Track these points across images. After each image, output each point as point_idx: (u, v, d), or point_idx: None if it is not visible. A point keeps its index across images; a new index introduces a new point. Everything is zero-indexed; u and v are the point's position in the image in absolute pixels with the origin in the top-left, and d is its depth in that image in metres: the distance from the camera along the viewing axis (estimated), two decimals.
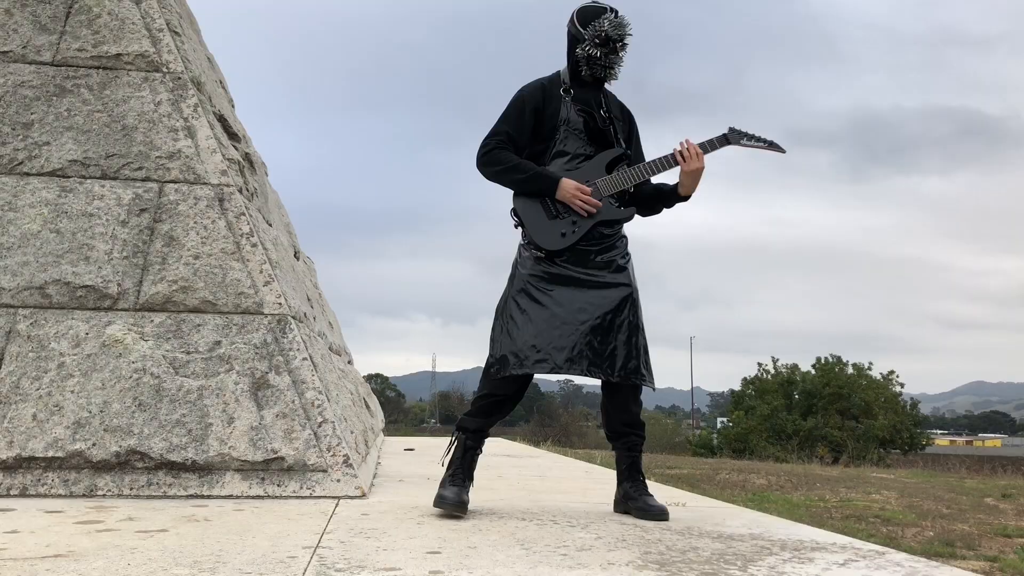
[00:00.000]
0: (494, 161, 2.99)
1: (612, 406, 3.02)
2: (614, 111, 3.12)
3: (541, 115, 3.02)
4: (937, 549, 4.31)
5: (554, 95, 3.04)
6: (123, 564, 1.89)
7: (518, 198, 2.99)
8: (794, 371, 29.42)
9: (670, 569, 2.01)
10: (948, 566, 2.34)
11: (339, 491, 3.20)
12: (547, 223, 2.94)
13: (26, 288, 3.41)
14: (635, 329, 2.93)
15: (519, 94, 3.07)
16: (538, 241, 2.93)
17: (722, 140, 3.01)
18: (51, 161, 3.66)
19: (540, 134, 3.03)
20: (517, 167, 2.96)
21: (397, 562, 2.00)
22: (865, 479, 9.60)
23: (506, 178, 2.98)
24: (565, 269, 2.92)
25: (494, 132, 3.04)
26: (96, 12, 3.96)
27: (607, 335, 2.88)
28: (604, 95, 3.11)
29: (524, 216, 2.97)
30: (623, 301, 2.92)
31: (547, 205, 2.96)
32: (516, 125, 3.02)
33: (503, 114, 3.06)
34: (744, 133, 3.00)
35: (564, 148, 3.01)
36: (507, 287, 3.02)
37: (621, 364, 2.88)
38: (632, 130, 3.19)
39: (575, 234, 2.93)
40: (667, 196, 3.08)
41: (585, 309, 2.88)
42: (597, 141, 3.04)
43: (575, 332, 2.86)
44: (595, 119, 3.04)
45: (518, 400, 2.98)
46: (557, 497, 3.68)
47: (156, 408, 3.22)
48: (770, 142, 3.01)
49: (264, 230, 4.10)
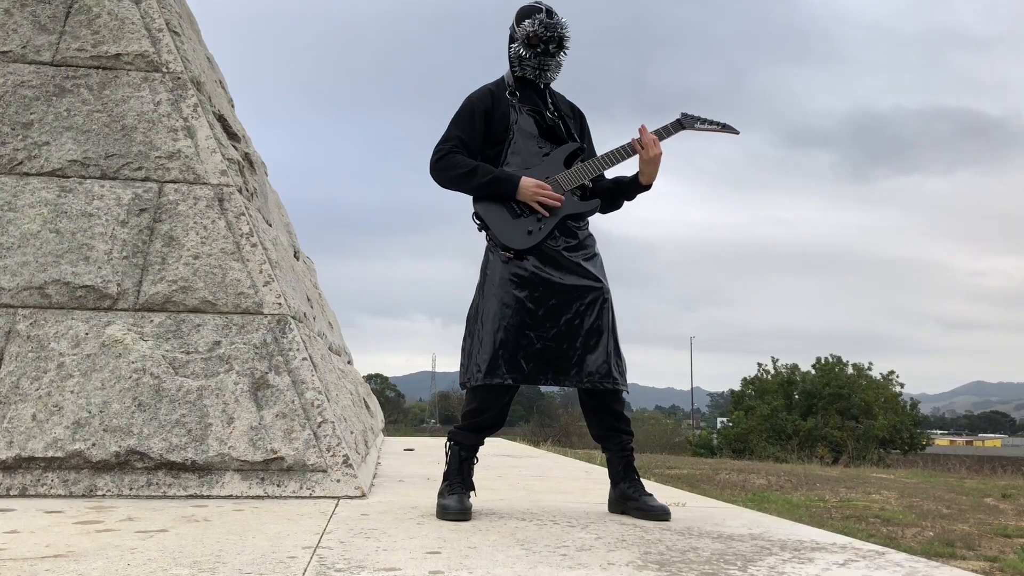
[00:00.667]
0: (449, 166, 2.92)
1: (594, 409, 2.97)
2: (563, 109, 3.11)
3: (491, 119, 2.98)
4: (937, 549, 4.31)
5: (501, 99, 3.02)
6: (123, 564, 1.89)
7: (479, 202, 2.92)
8: (794, 371, 29.42)
9: (670, 569, 2.01)
10: (948, 566, 2.34)
11: (339, 491, 3.19)
12: (512, 222, 2.88)
13: (26, 288, 3.41)
14: (605, 331, 2.87)
15: (468, 100, 3.02)
16: (505, 242, 2.86)
17: (676, 125, 3.00)
18: (51, 161, 3.66)
19: (492, 138, 2.99)
20: (474, 172, 2.89)
21: (397, 562, 2.00)
22: (865, 479, 9.60)
23: (464, 184, 2.91)
24: (534, 273, 2.85)
25: (446, 138, 2.97)
26: (96, 12, 3.96)
27: (574, 340, 2.83)
28: (551, 94, 3.10)
29: (488, 218, 2.90)
30: (591, 303, 2.87)
31: (510, 205, 2.90)
32: (468, 130, 2.97)
33: (453, 120, 3.00)
34: (697, 117, 3.00)
35: (517, 149, 2.97)
36: (476, 294, 2.96)
37: (591, 370, 2.83)
38: (584, 127, 3.17)
39: (542, 231, 2.87)
40: (628, 187, 3.05)
41: (553, 314, 2.83)
42: (550, 140, 3.02)
43: (541, 339, 2.81)
44: (544, 118, 3.02)
45: (507, 412, 2.92)
46: (557, 497, 3.67)
47: (156, 408, 3.22)
48: (723, 124, 3.01)
49: (264, 230, 4.10)
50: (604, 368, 2.84)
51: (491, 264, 2.92)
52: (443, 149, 2.96)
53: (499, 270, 2.88)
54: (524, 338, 2.82)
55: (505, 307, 2.83)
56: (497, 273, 2.88)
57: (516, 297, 2.83)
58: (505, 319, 2.82)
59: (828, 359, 29.05)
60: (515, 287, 2.84)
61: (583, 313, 2.86)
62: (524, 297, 2.83)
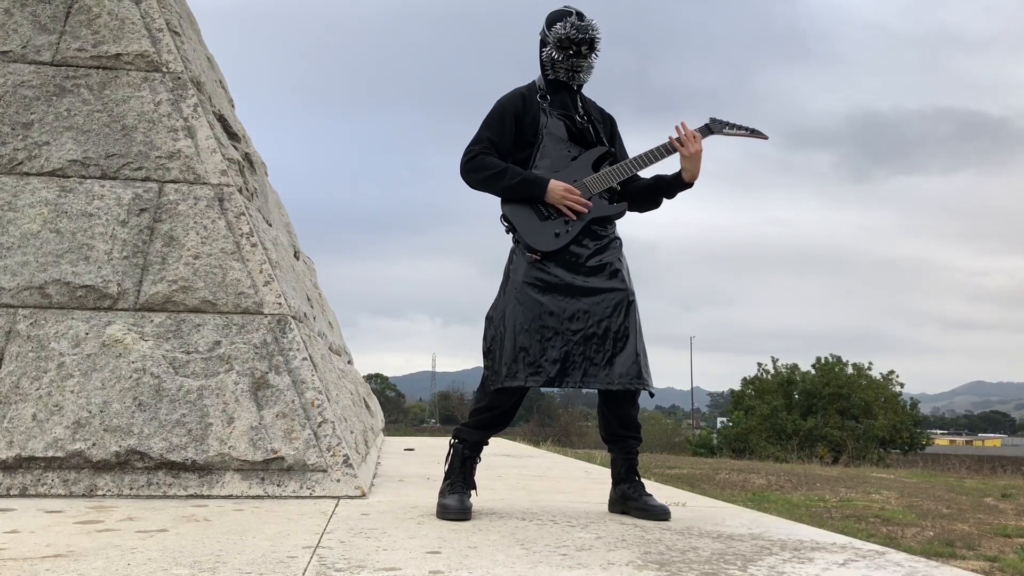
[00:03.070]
0: (479, 167, 2.94)
1: (610, 411, 2.98)
2: (593, 114, 3.12)
3: (522, 122, 3.00)
4: (937, 549, 4.31)
5: (532, 102, 3.03)
6: (123, 564, 1.89)
7: (507, 204, 2.94)
8: (794, 371, 29.41)
9: (670, 569, 2.01)
10: (948, 566, 2.34)
11: (339, 491, 3.20)
12: (539, 224, 2.90)
13: (26, 288, 3.41)
14: (633, 333, 2.87)
15: (499, 103, 3.04)
16: (532, 243, 2.88)
17: (704, 130, 3.00)
18: (51, 161, 3.66)
19: (522, 142, 3.00)
20: (504, 173, 2.91)
21: (397, 562, 2.00)
22: (865, 479, 9.61)
23: (493, 185, 2.93)
24: (559, 277, 2.86)
25: (477, 139, 3.00)
26: (96, 12, 3.96)
27: (603, 343, 2.83)
28: (581, 99, 3.11)
29: (515, 220, 2.92)
30: (618, 306, 2.88)
31: (538, 207, 2.92)
32: (498, 132, 2.99)
33: (484, 122, 3.03)
34: (726, 122, 3.00)
35: (547, 153, 2.98)
36: (499, 294, 2.96)
37: (621, 371, 2.83)
38: (614, 132, 3.18)
39: (569, 233, 2.89)
40: (670, 185, 3.05)
41: (579, 318, 2.84)
42: (579, 143, 3.03)
43: (568, 343, 2.81)
44: (574, 122, 3.03)
45: (515, 412, 2.94)
46: (557, 497, 3.68)
47: (156, 408, 3.22)
48: (752, 129, 3.01)
49: (264, 230, 4.10)
50: (635, 369, 2.84)
51: (515, 266, 2.93)
52: (474, 151, 2.98)
53: (522, 273, 2.88)
54: (547, 341, 2.81)
55: (526, 310, 2.83)
56: (520, 276, 2.88)
57: (537, 300, 2.84)
58: (526, 322, 2.82)
59: (828, 359, 29.04)
60: (537, 291, 2.85)
61: (610, 315, 2.86)
62: (546, 301, 2.84)
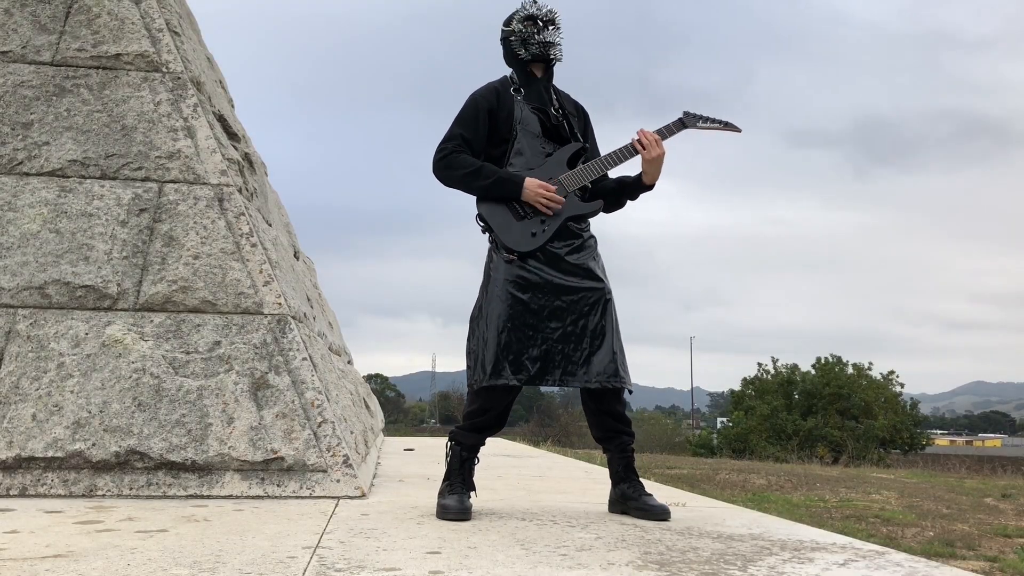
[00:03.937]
0: (453, 165, 2.92)
1: (596, 410, 2.97)
2: (567, 107, 3.11)
3: (496, 117, 2.98)
4: (937, 549, 4.31)
5: (507, 96, 3.02)
6: (123, 564, 1.89)
7: (483, 203, 2.92)
8: (794, 371, 29.40)
9: (670, 569, 2.01)
10: (948, 566, 2.34)
11: (339, 491, 3.20)
12: (515, 224, 2.89)
13: (26, 288, 3.41)
14: (610, 332, 2.87)
15: (472, 97, 3.02)
16: (508, 243, 2.86)
17: (678, 124, 2.99)
18: (51, 161, 3.66)
19: (496, 137, 2.99)
20: (478, 172, 2.89)
21: (397, 562, 2.00)
22: (865, 479, 9.60)
23: (468, 184, 2.91)
24: (537, 275, 2.85)
25: (449, 136, 2.97)
26: (96, 12, 3.96)
27: (580, 341, 2.84)
28: (555, 92, 3.11)
29: (492, 221, 2.90)
30: (595, 304, 2.87)
31: (513, 206, 2.90)
32: (472, 128, 2.96)
33: (457, 118, 2.99)
34: (699, 116, 2.99)
35: (521, 148, 2.97)
36: (480, 294, 2.95)
37: (599, 369, 2.83)
38: (587, 125, 3.18)
39: (545, 233, 2.88)
40: (631, 187, 3.04)
41: (557, 316, 2.84)
42: (553, 139, 3.02)
43: (546, 341, 2.82)
44: (548, 116, 3.02)
45: (508, 412, 2.94)
46: (557, 497, 3.67)
47: (156, 408, 3.22)
48: (726, 123, 3.00)
49: (264, 230, 4.10)
50: (611, 367, 2.85)
51: (494, 265, 2.92)
52: (446, 148, 2.95)
53: (502, 271, 2.88)
54: (528, 339, 2.82)
55: (508, 308, 2.83)
56: (500, 274, 2.88)
57: (519, 299, 2.84)
58: (509, 320, 2.82)
59: (828, 359, 29.03)
60: (518, 289, 2.85)
61: (587, 314, 2.86)
62: (527, 299, 2.84)
